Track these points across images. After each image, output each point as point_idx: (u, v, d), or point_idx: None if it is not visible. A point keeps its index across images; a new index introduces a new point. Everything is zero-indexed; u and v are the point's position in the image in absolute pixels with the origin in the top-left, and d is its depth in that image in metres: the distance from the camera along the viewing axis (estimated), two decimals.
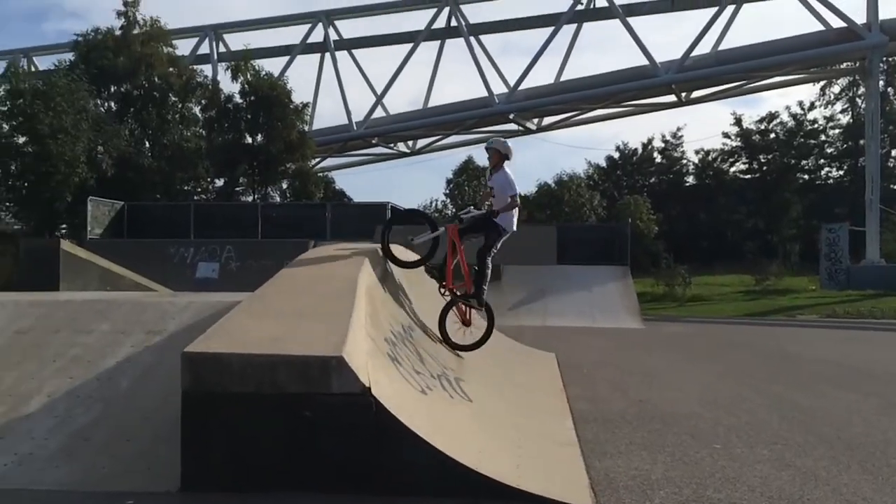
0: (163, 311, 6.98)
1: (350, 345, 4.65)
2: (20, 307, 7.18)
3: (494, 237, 7.53)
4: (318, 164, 38.36)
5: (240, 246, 22.43)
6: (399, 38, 37.70)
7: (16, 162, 26.36)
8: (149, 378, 5.74)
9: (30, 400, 5.48)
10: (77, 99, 25.98)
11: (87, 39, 30.96)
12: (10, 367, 5.98)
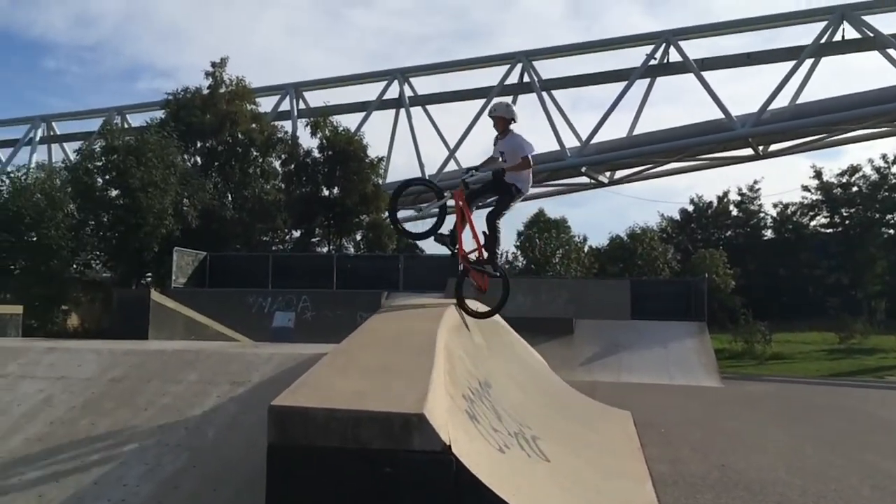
0: (247, 363, 7.21)
1: (431, 402, 4.71)
2: (115, 356, 7.53)
3: (507, 199, 7.47)
4: None
5: (315, 296, 22.91)
6: (472, 93, 38.45)
7: (108, 214, 27.72)
8: (234, 428, 5.92)
9: (122, 447, 5.72)
10: (166, 154, 27.32)
11: (177, 98, 32.67)
12: (105, 414, 6.26)
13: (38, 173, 29.77)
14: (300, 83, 40.06)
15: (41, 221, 25.72)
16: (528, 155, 7.29)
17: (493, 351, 8.09)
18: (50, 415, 6.32)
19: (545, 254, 37.47)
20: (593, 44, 38.02)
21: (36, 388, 6.83)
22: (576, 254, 38.16)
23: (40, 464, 5.53)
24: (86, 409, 6.40)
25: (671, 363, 19.63)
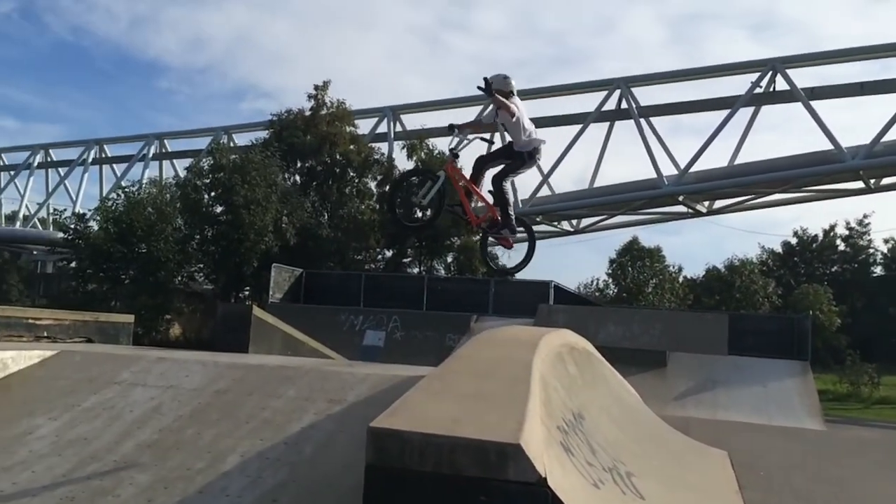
0: (343, 382, 7.37)
1: (527, 432, 4.69)
2: (219, 368, 7.84)
3: (517, 164, 7.33)
4: None
5: (405, 316, 23.19)
6: (567, 119, 38.29)
7: (212, 229, 28.99)
8: (330, 446, 6.05)
9: (226, 458, 5.93)
10: (269, 174, 28.40)
11: (281, 119, 33.95)
12: (210, 425, 6.52)
13: (150, 188, 31.46)
14: (398, 106, 40.89)
15: (151, 234, 27.14)
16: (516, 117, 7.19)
17: (586, 382, 7.99)
18: (159, 422, 6.63)
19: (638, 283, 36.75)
20: (696, 71, 37.23)
21: (147, 396, 7.19)
22: (670, 284, 37.26)
23: (151, 470, 5.81)
24: (192, 418, 6.69)
25: (770, 402, 18.79)
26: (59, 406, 7.09)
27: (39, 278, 53.75)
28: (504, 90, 7.20)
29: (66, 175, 52.76)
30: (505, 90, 7.21)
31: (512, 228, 7.29)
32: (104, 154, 52.12)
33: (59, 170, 53.93)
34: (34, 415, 6.92)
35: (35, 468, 5.92)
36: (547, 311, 20.29)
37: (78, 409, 7.00)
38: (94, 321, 11.93)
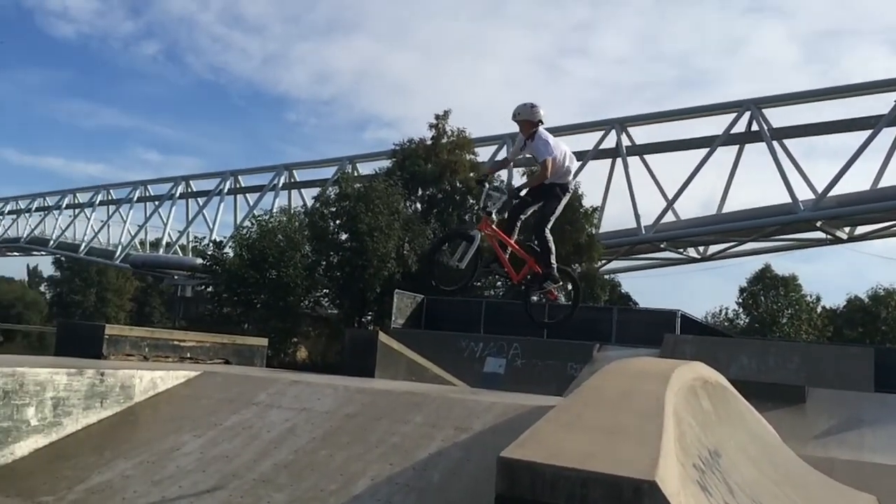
0: (469, 409, 7.39)
1: (662, 469, 4.54)
2: (349, 392, 8.06)
3: (553, 203, 6.96)
4: (604, 266, 38.52)
5: (526, 344, 23.00)
6: (693, 143, 37.19)
7: (338, 255, 29.96)
8: (458, 473, 6.07)
9: (357, 481, 6.07)
10: (392, 201, 29.12)
11: (403, 148, 34.81)
12: (341, 448, 6.70)
13: (280, 216, 32.92)
14: (516, 133, 40.91)
15: (281, 261, 28.35)
16: (545, 159, 6.74)
17: (721, 418, 7.65)
18: (294, 443, 6.88)
19: (771, 313, 34.93)
20: (832, 90, 35.33)
21: (282, 418, 7.48)
22: (807, 314, 35.18)
23: (287, 489, 6.03)
24: (325, 440, 6.89)
25: None
26: (203, 424, 7.49)
27: (179, 301, 57.10)
28: (532, 120, 6.94)
29: (205, 204, 56.15)
30: (533, 119, 6.94)
31: (555, 279, 6.95)
32: (238, 184, 55.14)
33: (198, 199, 57.47)
34: (181, 432, 7.35)
35: (182, 483, 6.27)
36: (673, 342, 19.60)
37: (220, 428, 7.37)
38: (231, 343, 12.55)
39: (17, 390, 7.00)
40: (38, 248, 68.02)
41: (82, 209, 64.52)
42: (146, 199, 60.87)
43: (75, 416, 7.52)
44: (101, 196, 63.69)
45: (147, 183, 62.09)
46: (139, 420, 7.91)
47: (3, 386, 6.88)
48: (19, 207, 69.93)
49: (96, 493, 6.23)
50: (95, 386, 7.77)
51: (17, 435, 6.98)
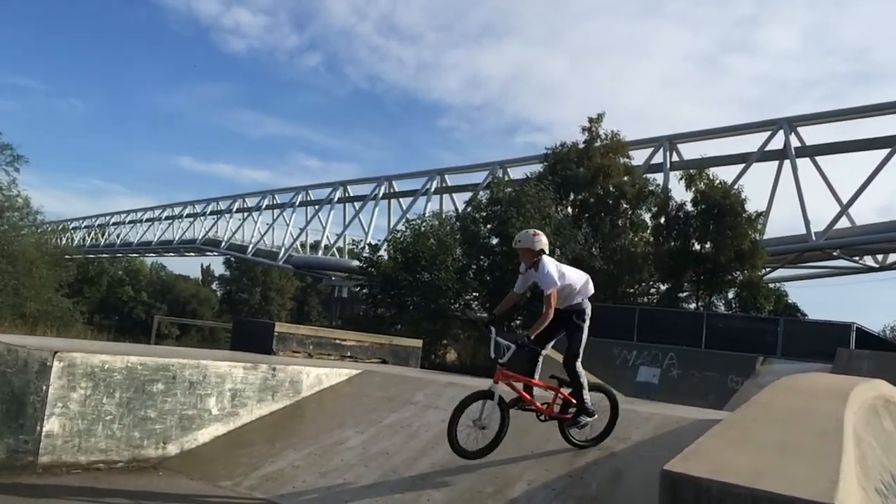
0: (626, 419, 7.22)
1: (843, 492, 4.24)
2: None
3: (578, 333, 6.54)
4: (769, 275, 36.38)
5: (682, 354, 22.18)
6: (872, 143, 34.32)
7: (488, 259, 30.23)
8: (617, 484, 5.96)
9: (513, 485, 6.11)
10: (543, 206, 29.03)
11: (555, 152, 34.57)
12: (497, 452, 6.74)
13: (432, 220, 33.65)
14: (674, 136, 39.61)
15: (433, 264, 28.99)
16: (549, 293, 6.21)
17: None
18: None
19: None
20: None
21: (439, 418, 7.63)
22: None
23: (444, 489, 6.16)
24: None
25: None
26: (365, 421, 7.81)
27: (336, 302, 59.65)
28: (533, 248, 6.43)
29: (361, 209, 58.35)
30: (534, 248, 6.43)
31: (588, 412, 6.42)
32: (392, 189, 56.90)
33: (354, 204, 59.81)
34: (344, 427, 7.70)
35: (346, 476, 6.57)
36: (847, 357, 18.22)
37: (380, 425, 7.66)
38: (388, 344, 12.99)
39: (201, 381, 7.61)
40: (210, 248, 73.37)
41: (250, 213, 68.98)
42: (307, 203, 64.12)
43: (250, 407, 8.06)
44: (267, 200, 67.81)
45: (308, 188, 65.42)
46: (306, 414, 8.36)
47: (190, 377, 7.50)
48: (195, 211, 75.81)
49: (269, 481, 6.64)
50: (268, 380, 8.30)
51: (200, 422, 7.59)
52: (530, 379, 6.48)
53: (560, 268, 6.51)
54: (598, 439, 6.50)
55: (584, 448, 6.45)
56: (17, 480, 6.04)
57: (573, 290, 6.50)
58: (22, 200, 32.02)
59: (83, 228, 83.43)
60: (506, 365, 6.25)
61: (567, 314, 6.49)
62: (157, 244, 76.48)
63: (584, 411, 6.39)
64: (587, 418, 6.40)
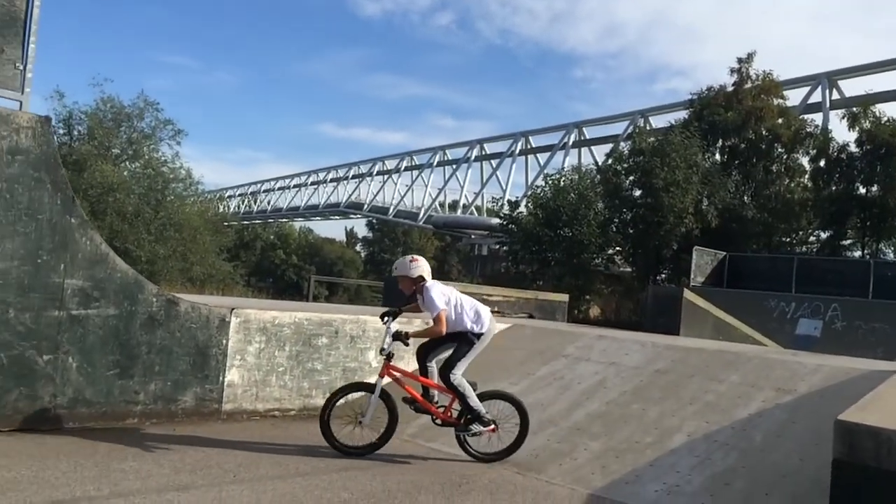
0: (791, 371, 6.95)
1: None
2: (657, 349, 8.00)
3: (464, 348, 6.07)
4: None
5: (846, 305, 20.80)
6: None
7: (631, 212, 29.45)
8: (783, 436, 5.77)
9: (672, 436, 6.05)
10: (690, 155, 27.78)
11: (700, 97, 32.90)
12: (653, 403, 6.70)
13: (571, 175, 33.11)
14: (833, 72, 36.73)
15: (575, 218, 28.60)
16: (437, 314, 5.93)
17: None
18: (605, 396, 7.03)
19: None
20: None
21: (591, 371, 7.66)
22: None
23: (601, 439, 6.19)
24: (636, 394, 6.95)
25: None
26: (517, 373, 7.94)
27: (476, 259, 60.41)
28: (410, 276, 6.09)
29: (498, 166, 58.48)
30: (411, 276, 6.09)
31: (482, 420, 6.04)
32: (529, 145, 56.51)
33: (491, 162, 59.99)
34: (497, 379, 7.85)
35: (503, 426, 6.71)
36: None
37: (533, 377, 7.77)
38: (534, 299, 13.07)
39: (361, 336, 7.99)
40: (354, 211, 76.23)
41: (390, 175, 70.90)
42: (444, 163, 65.02)
43: (407, 359, 8.38)
44: (406, 162, 69.36)
45: (445, 148, 66.26)
46: None
47: (350, 332, 7.90)
48: (338, 175, 78.80)
49: (429, 429, 6.87)
50: None
51: (361, 374, 7.98)
52: (424, 378, 6.22)
53: (447, 294, 6.13)
54: (504, 452, 6.12)
55: (487, 462, 6.04)
56: (205, 425, 6.65)
57: (463, 320, 6.10)
58: (185, 172, 34.31)
59: (237, 196, 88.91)
60: (390, 358, 6.10)
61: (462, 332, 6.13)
62: (305, 209, 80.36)
63: (476, 419, 6.05)
64: (480, 427, 6.06)
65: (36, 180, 5.74)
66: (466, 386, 6.00)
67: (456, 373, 5.97)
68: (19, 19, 5.74)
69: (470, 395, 5.99)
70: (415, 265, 6.07)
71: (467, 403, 5.99)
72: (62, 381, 5.84)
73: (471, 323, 6.05)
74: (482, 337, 6.11)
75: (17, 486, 4.39)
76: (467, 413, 6.03)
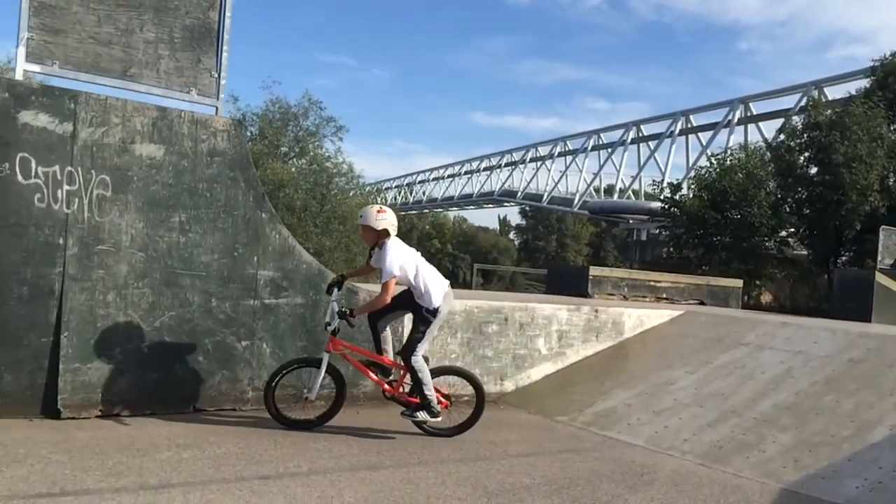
0: None
1: None
2: (849, 337, 7.46)
3: (421, 326, 5.73)
4: None
5: None
6: None
7: (806, 191, 27.53)
8: None
9: (872, 429, 5.62)
10: (873, 127, 25.55)
11: (884, 64, 30.13)
12: (848, 395, 6.25)
13: (738, 153, 31.36)
14: None
15: (744, 199, 27.09)
16: (385, 281, 5.54)
17: None
18: (793, 386, 6.64)
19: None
20: None
21: (776, 360, 7.26)
22: None
23: (791, 431, 5.86)
24: (828, 385, 6.51)
25: None
26: (693, 361, 7.68)
27: (634, 245, 58.75)
28: (374, 227, 5.67)
29: (656, 148, 56.45)
30: (376, 227, 5.67)
31: (431, 411, 5.75)
32: (689, 124, 54.11)
33: (648, 143, 58.02)
34: (672, 367, 7.64)
35: (681, 415, 6.54)
36: None
37: (711, 366, 7.48)
38: (705, 285, 12.56)
39: (530, 323, 8.02)
40: (507, 199, 76.34)
41: (543, 161, 70.35)
42: (599, 147, 63.62)
43: (576, 347, 8.34)
44: (559, 148, 68.55)
45: (599, 131, 64.84)
46: (630, 354, 8.43)
47: (520, 319, 7.94)
48: (491, 164, 79.21)
49: (603, 417, 6.84)
50: (591, 321, 8.50)
51: (531, 361, 8.03)
52: (373, 353, 5.98)
53: (406, 259, 5.74)
54: (457, 429, 5.97)
55: (437, 436, 5.87)
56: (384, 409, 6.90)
57: (421, 293, 5.75)
58: (347, 166, 35.79)
59: (394, 188, 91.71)
60: (336, 333, 5.75)
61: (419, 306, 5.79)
62: (459, 198, 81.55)
63: (425, 408, 5.78)
64: (427, 416, 5.78)
65: (231, 179, 6.19)
66: (426, 372, 5.79)
67: (418, 354, 5.75)
68: (213, 30, 6.20)
69: (427, 381, 5.78)
70: (381, 216, 5.69)
71: (422, 390, 5.79)
72: (258, 365, 6.28)
73: (425, 296, 5.74)
74: (438, 314, 5.80)
75: (228, 461, 4.78)
76: (418, 396, 5.83)
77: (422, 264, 5.79)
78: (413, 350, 5.70)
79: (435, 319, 5.76)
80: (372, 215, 5.68)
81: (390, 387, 5.93)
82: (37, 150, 5.38)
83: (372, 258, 5.86)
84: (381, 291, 5.59)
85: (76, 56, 5.65)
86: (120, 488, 4.03)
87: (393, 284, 5.57)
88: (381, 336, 5.97)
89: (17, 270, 5.33)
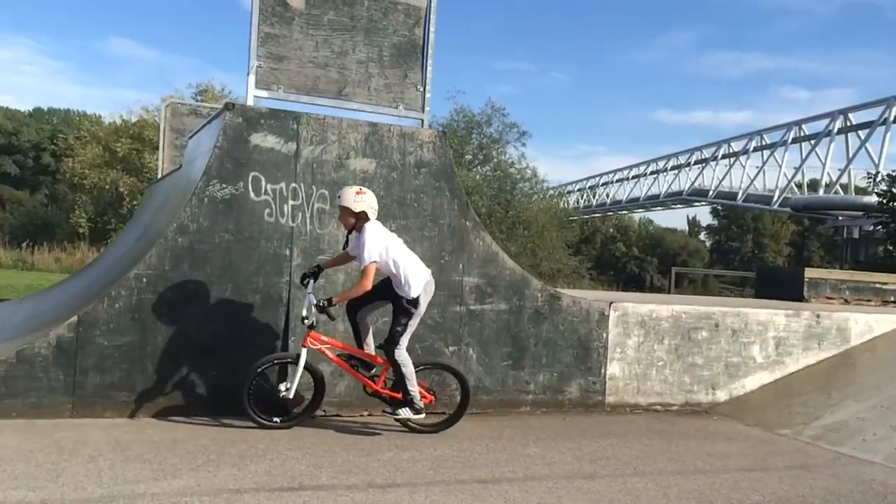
0: None
1: None
2: None
3: (402, 317, 5.45)
4: None
5: None
6: None
7: None
8: None
9: None
10: None
11: None
12: None
13: None
14: None
15: None
16: (365, 266, 5.28)
17: None
18: None
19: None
20: None
21: None
22: None
23: None
24: None
25: None
26: None
27: (844, 244, 54.18)
28: (352, 209, 5.36)
29: (867, 137, 51.53)
30: (353, 209, 5.36)
31: (414, 407, 5.50)
32: None
33: (858, 133, 53.10)
34: None
35: None
36: None
37: None
38: None
39: (743, 329, 7.56)
40: (697, 199, 72.81)
41: (737, 157, 66.43)
42: (800, 139, 59.08)
43: (795, 355, 7.75)
44: (755, 142, 64.43)
45: (800, 122, 60.23)
46: (858, 363, 7.72)
47: (732, 325, 7.51)
48: (679, 163, 76.01)
49: (833, 432, 6.29)
50: (812, 327, 7.87)
51: (745, 370, 7.57)
52: (352, 347, 5.68)
53: (387, 244, 5.39)
54: (443, 425, 5.79)
55: (419, 433, 5.63)
56: (590, 416, 6.81)
57: (401, 282, 5.41)
58: (530, 172, 35.87)
59: (576, 191, 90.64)
60: (314, 327, 5.43)
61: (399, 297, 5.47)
62: (645, 199, 79.00)
63: (407, 404, 5.51)
64: (409, 414, 5.51)
65: (437, 189, 6.37)
66: (409, 366, 5.51)
67: (401, 347, 5.47)
68: (419, 46, 6.42)
69: (410, 377, 5.51)
70: (360, 197, 5.36)
71: (405, 385, 5.52)
72: (465, 370, 6.38)
73: (405, 286, 5.40)
74: (418, 305, 5.47)
75: (445, 463, 4.89)
76: (401, 392, 5.55)
77: (403, 251, 5.53)
78: (396, 343, 5.47)
79: (416, 311, 5.50)
80: (350, 196, 5.38)
81: (373, 382, 5.66)
82: (266, 168, 5.84)
83: (349, 244, 5.60)
84: (361, 278, 5.33)
85: (298, 80, 6.08)
86: (351, 486, 4.24)
87: (373, 270, 5.32)
88: (361, 328, 5.73)
89: (250, 280, 5.80)
